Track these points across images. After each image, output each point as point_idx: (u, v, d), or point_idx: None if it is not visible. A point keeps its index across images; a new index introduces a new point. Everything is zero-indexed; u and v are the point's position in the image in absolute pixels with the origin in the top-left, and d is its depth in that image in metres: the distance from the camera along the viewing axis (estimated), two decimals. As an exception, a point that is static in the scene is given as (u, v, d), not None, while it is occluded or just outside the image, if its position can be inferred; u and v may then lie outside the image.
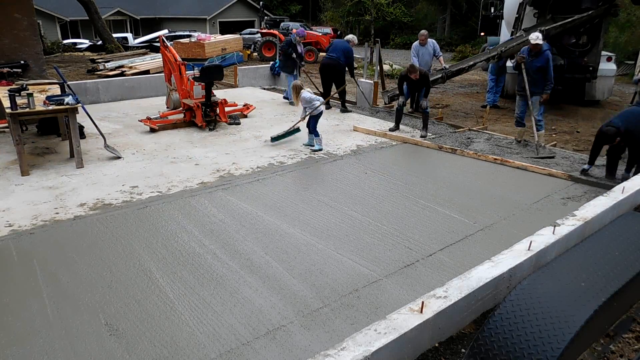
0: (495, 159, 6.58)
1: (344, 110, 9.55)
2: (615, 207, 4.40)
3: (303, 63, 10.41)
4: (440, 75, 9.52)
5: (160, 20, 38.33)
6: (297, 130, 7.41)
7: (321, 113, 6.99)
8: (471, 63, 9.84)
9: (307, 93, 6.96)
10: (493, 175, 6.03)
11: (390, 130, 7.94)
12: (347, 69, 9.40)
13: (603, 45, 11.02)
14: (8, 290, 3.43)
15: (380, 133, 7.87)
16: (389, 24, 32.27)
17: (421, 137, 7.65)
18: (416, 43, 9.77)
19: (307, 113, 6.93)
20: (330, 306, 3.30)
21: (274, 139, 7.27)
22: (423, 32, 9.77)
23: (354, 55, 9.79)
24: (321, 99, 7.25)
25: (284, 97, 10.51)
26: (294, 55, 9.93)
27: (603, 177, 5.81)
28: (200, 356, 2.81)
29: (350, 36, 9.71)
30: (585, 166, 5.99)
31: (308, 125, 7.07)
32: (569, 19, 9.95)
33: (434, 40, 9.87)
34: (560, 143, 8.07)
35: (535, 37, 6.95)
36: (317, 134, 7.02)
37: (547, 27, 9.63)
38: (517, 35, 10.33)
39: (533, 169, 6.22)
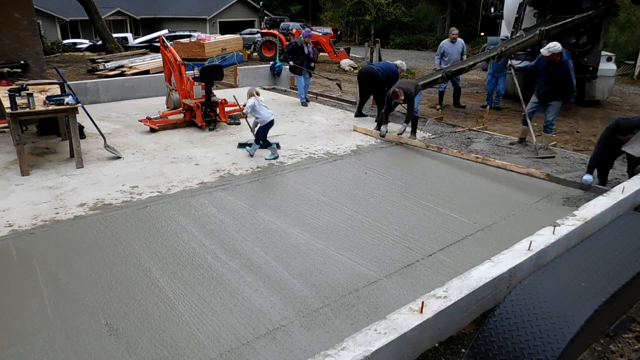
0: (477, 157, 6.46)
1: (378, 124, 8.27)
2: (615, 207, 4.40)
3: (313, 65, 10.18)
4: (440, 75, 9.51)
5: (160, 20, 38.34)
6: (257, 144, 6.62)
7: (272, 123, 6.44)
8: (471, 63, 9.83)
9: (253, 101, 6.25)
10: (493, 175, 6.03)
11: (382, 135, 7.60)
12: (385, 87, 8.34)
13: (603, 45, 11.01)
14: (8, 290, 3.43)
15: (377, 133, 7.83)
16: (389, 24, 32.30)
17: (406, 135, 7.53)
18: (446, 41, 9.82)
19: (257, 127, 6.48)
20: (330, 306, 3.31)
21: (240, 146, 6.86)
22: (454, 29, 9.84)
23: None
24: (270, 111, 6.51)
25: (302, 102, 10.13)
26: (292, 60, 9.79)
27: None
28: (200, 356, 2.81)
29: (399, 62, 8.81)
30: (586, 177, 5.54)
31: (257, 136, 6.51)
32: (569, 19, 9.94)
33: (462, 39, 9.94)
34: (560, 143, 8.06)
35: (551, 47, 6.71)
36: (269, 144, 6.49)
37: (547, 27, 9.63)
38: (517, 35, 10.33)
39: (512, 168, 6.04)
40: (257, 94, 6.45)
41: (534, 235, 3.69)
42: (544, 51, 6.86)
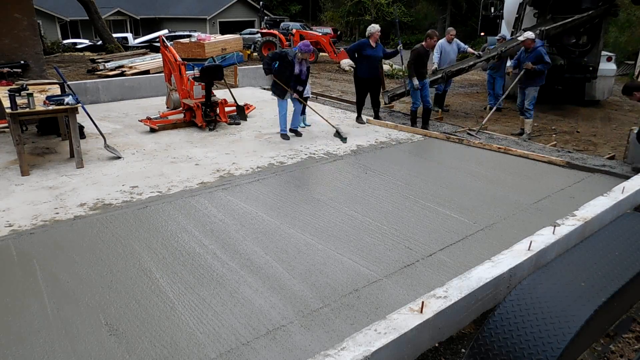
0: (500, 147, 7.05)
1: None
2: (615, 207, 4.40)
3: (300, 88, 7.39)
4: (440, 76, 9.51)
5: (160, 20, 38.34)
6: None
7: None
8: (471, 63, 9.83)
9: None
10: (493, 175, 6.03)
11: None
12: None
13: (603, 45, 11.01)
14: (8, 290, 3.42)
15: (392, 125, 8.51)
16: (389, 24, 32.29)
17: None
18: (443, 41, 9.84)
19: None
20: (330, 306, 3.30)
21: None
22: (451, 29, 9.93)
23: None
24: None
25: (282, 133, 7.59)
26: (275, 72, 7.28)
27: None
28: (200, 356, 2.81)
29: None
30: None
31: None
32: (569, 19, 9.94)
33: (457, 40, 10.02)
34: (560, 143, 8.06)
35: (526, 34, 7.91)
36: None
37: (547, 27, 9.63)
38: (517, 35, 10.32)
39: (533, 156, 6.61)
40: None
41: (534, 235, 3.69)
42: (520, 38, 8.06)
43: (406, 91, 9.28)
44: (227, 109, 8.36)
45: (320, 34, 21.38)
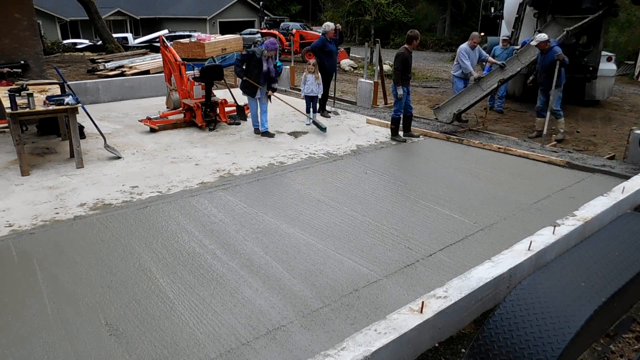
0: (499, 147, 7.04)
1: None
2: (615, 207, 4.40)
3: (274, 86, 7.69)
4: (496, 85, 8.70)
5: (160, 20, 38.35)
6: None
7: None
8: (518, 69, 9.16)
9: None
10: (493, 175, 6.03)
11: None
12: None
13: (603, 45, 11.01)
14: (8, 290, 3.43)
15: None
16: (389, 24, 32.29)
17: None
18: (466, 46, 8.99)
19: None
20: (330, 306, 3.30)
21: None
22: (476, 34, 9.10)
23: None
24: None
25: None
26: (245, 73, 7.40)
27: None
28: (200, 356, 2.81)
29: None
30: None
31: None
32: (586, 19, 9.79)
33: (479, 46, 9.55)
34: (560, 143, 8.06)
35: (538, 37, 7.69)
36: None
37: (570, 28, 9.45)
38: (530, 40, 10.17)
39: (533, 156, 6.60)
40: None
41: (534, 235, 3.70)
42: (533, 43, 7.82)
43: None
44: (227, 109, 8.36)
45: (320, 34, 21.35)
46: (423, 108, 10.85)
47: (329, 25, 8.94)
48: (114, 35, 23.21)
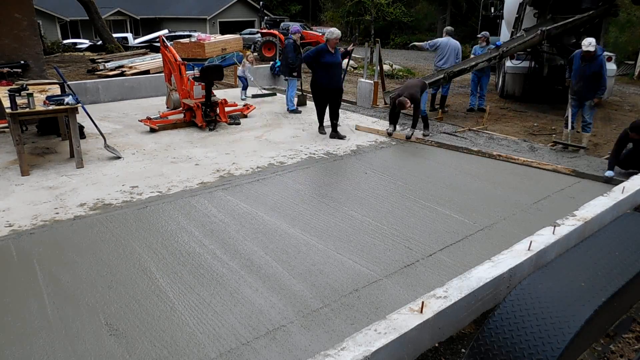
0: (500, 155, 6.71)
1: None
2: (615, 207, 4.40)
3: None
4: (442, 76, 9.52)
5: (160, 20, 38.35)
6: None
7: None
8: (473, 63, 9.83)
9: None
10: (493, 176, 6.03)
11: (388, 133, 7.74)
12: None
13: (603, 45, 11.01)
14: (8, 290, 3.43)
15: (382, 132, 7.91)
16: (389, 24, 32.28)
17: (423, 135, 7.69)
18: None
19: None
20: (330, 306, 3.30)
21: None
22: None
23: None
24: None
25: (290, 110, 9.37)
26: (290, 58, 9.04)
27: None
28: (200, 356, 2.81)
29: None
30: (608, 173, 5.84)
31: None
32: (570, 19, 9.93)
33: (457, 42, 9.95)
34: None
35: (588, 44, 6.87)
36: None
37: (548, 27, 9.63)
38: (518, 35, 10.33)
39: (538, 165, 6.33)
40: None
41: (534, 235, 3.69)
42: (587, 47, 6.87)
43: None
44: (227, 109, 8.36)
45: (321, 34, 21.38)
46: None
47: (332, 32, 7.34)
48: (114, 35, 23.22)
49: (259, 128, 8.19)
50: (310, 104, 8.38)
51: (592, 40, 6.98)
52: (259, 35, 22.51)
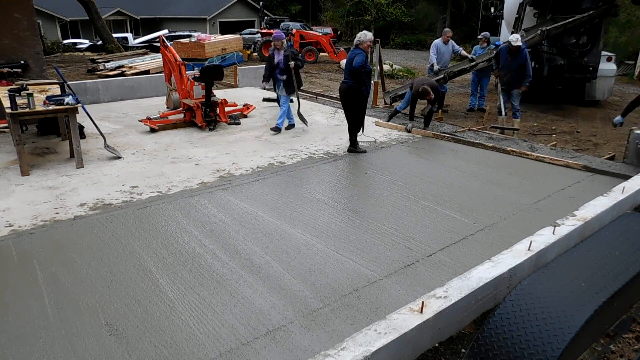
0: (513, 150, 6.90)
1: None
2: (615, 207, 4.40)
3: (283, 77, 7.81)
4: (442, 76, 9.54)
5: (160, 20, 38.36)
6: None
7: None
8: (473, 64, 9.85)
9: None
10: (493, 176, 6.03)
11: (408, 130, 8.05)
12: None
13: (603, 45, 11.02)
14: (8, 290, 3.43)
15: (392, 125, 8.40)
16: (389, 24, 32.31)
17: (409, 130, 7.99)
18: (438, 41, 10.03)
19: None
20: (330, 306, 3.30)
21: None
22: (448, 30, 10.07)
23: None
24: None
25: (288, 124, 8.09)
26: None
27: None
28: (200, 356, 2.81)
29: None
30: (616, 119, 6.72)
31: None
32: (570, 19, 9.95)
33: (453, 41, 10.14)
34: (560, 143, 8.07)
35: (515, 40, 7.97)
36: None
37: (548, 27, 9.64)
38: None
39: (550, 160, 6.51)
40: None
41: (534, 235, 3.70)
42: (514, 42, 7.95)
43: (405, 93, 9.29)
44: (227, 109, 8.36)
45: (320, 34, 21.40)
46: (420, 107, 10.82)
47: (365, 34, 6.44)
48: (114, 35, 23.24)
49: (259, 128, 8.19)
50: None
51: (518, 36, 8.26)
52: (259, 35, 22.52)
